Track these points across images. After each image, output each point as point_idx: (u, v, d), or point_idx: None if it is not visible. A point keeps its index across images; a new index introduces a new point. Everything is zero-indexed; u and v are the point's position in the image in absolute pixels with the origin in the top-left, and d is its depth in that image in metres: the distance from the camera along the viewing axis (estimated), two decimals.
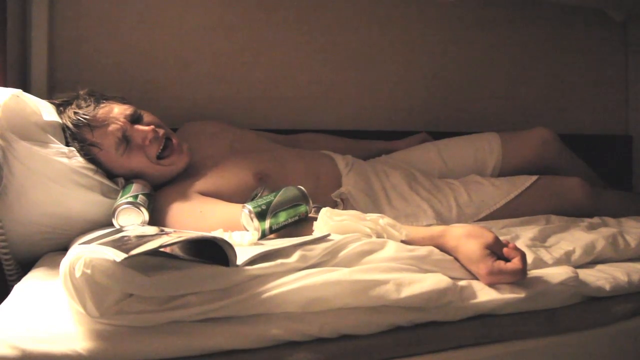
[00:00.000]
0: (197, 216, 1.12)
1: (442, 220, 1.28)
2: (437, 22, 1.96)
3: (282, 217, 0.99)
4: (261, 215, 0.97)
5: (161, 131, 1.21)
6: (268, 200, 0.99)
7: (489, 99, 2.05)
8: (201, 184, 1.20)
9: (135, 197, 1.06)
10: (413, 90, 1.94)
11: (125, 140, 1.16)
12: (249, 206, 0.98)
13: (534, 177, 1.39)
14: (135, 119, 1.20)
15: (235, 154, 1.31)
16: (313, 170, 1.35)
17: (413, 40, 1.93)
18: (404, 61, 1.92)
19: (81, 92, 1.22)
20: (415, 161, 1.54)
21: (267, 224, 0.98)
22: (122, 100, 1.24)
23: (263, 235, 0.98)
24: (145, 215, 1.05)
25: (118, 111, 1.18)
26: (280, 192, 1.01)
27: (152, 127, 1.19)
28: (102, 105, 1.19)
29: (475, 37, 2.02)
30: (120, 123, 1.16)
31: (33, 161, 1.03)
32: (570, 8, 2.15)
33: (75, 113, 1.16)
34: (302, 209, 1.01)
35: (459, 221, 1.29)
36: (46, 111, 1.15)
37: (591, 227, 1.24)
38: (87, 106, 1.17)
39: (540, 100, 2.14)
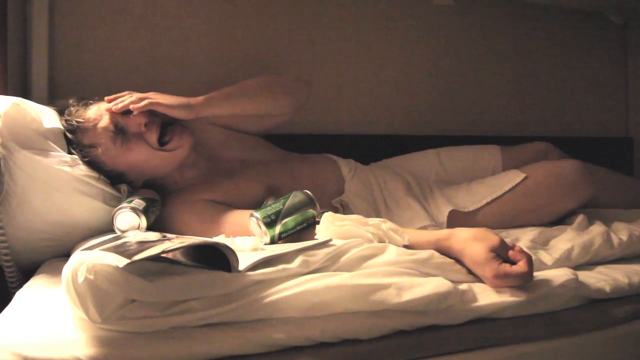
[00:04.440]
0: (208, 221, 1.12)
1: (436, 221, 1.28)
2: (438, 25, 1.97)
3: (291, 225, 1.00)
4: (270, 223, 0.98)
5: (156, 117, 1.19)
6: (275, 207, 0.99)
7: (489, 101, 2.06)
8: (213, 192, 1.20)
9: (130, 201, 1.07)
10: (413, 93, 1.94)
11: (120, 132, 1.15)
12: (256, 214, 0.99)
13: (522, 175, 1.32)
14: (126, 111, 1.17)
15: (246, 165, 1.31)
16: (319, 175, 1.36)
17: (413, 44, 1.93)
18: (404, 65, 1.92)
19: (70, 101, 1.21)
20: (415, 165, 1.54)
21: (275, 230, 0.98)
22: None
23: (272, 243, 0.99)
24: (140, 218, 1.05)
25: (106, 106, 1.17)
26: (288, 199, 1.01)
27: (145, 112, 1.17)
28: (90, 107, 1.18)
29: (475, 40, 2.03)
30: (109, 116, 1.15)
31: (35, 170, 1.03)
32: (570, 11, 2.16)
33: (66, 121, 1.16)
34: (310, 213, 1.02)
35: (450, 219, 1.28)
36: (47, 118, 1.14)
37: (583, 227, 1.25)
38: (76, 111, 1.17)
39: (540, 103, 2.15)
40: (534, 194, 1.31)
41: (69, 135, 1.15)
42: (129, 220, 1.05)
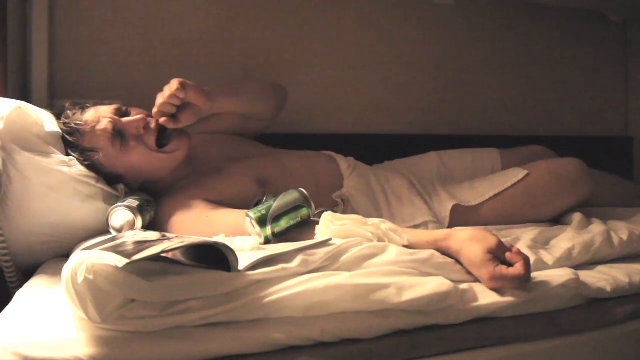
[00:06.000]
0: (203, 222, 1.12)
1: (438, 218, 1.28)
2: (438, 24, 1.97)
3: (284, 222, 0.99)
4: (262, 222, 0.98)
5: (153, 120, 1.19)
6: (268, 206, 0.99)
7: (489, 101, 2.06)
8: (205, 191, 1.20)
9: (124, 200, 1.07)
10: (413, 93, 1.94)
11: (119, 135, 1.16)
12: (250, 213, 0.99)
13: (525, 172, 1.35)
14: (123, 114, 1.19)
15: (233, 162, 1.31)
16: (313, 171, 1.36)
17: (413, 43, 1.93)
18: (404, 64, 1.92)
19: (67, 105, 1.22)
20: (417, 166, 1.55)
21: (268, 230, 0.98)
22: (108, 103, 1.23)
23: (267, 241, 0.99)
24: (135, 215, 1.05)
25: (104, 110, 1.18)
26: (280, 197, 1.01)
27: (142, 115, 1.18)
28: (87, 110, 1.19)
29: (475, 39, 2.03)
30: (107, 119, 1.16)
31: (34, 171, 1.03)
32: (570, 10, 2.16)
33: (64, 124, 1.16)
34: (304, 211, 1.01)
35: (452, 214, 1.30)
36: (48, 122, 1.15)
37: (583, 226, 1.25)
38: (73, 115, 1.18)
39: (540, 102, 2.15)
40: (536, 191, 1.34)
41: (67, 137, 1.15)
42: (123, 218, 1.04)
